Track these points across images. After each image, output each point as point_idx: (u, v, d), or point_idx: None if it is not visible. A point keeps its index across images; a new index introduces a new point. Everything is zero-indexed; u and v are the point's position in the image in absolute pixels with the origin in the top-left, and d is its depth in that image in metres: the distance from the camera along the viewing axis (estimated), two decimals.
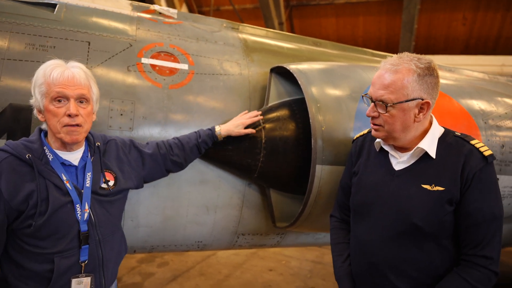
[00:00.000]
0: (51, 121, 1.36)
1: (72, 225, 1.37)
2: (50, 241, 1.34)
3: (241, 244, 2.41)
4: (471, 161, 1.36)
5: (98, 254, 1.44)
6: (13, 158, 1.32)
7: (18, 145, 1.35)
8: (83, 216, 1.39)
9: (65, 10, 2.02)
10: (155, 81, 2.00)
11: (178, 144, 1.82)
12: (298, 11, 13.07)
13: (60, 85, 1.34)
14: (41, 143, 1.40)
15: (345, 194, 1.72)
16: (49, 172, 1.36)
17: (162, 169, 1.78)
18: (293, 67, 2.06)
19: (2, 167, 1.29)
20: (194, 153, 1.86)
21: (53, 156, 1.39)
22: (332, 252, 1.73)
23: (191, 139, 1.85)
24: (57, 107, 1.35)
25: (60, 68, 1.37)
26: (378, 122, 1.46)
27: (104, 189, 1.49)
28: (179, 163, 1.82)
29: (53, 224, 1.33)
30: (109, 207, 1.50)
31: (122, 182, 1.57)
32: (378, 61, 3.08)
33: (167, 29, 2.25)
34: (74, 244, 1.38)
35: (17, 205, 1.29)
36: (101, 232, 1.45)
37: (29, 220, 1.30)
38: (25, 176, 1.31)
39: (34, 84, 1.37)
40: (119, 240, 1.58)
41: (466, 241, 1.36)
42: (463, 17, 11.54)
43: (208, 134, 1.87)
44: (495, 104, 2.36)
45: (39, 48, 1.82)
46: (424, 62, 1.39)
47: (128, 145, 1.68)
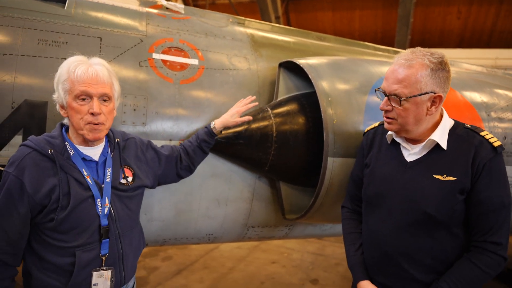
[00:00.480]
0: (74, 118, 1.38)
1: (93, 219, 1.40)
2: (72, 235, 1.37)
3: (250, 237, 2.45)
4: (482, 151, 1.41)
5: (118, 248, 1.47)
6: (36, 153, 1.34)
7: (40, 140, 1.37)
8: (103, 210, 1.41)
9: (75, 6, 2.03)
10: (167, 76, 2.03)
11: (183, 150, 1.86)
12: (295, 5, 13.08)
13: (84, 83, 1.36)
14: (63, 139, 1.42)
15: (357, 186, 1.77)
16: (71, 167, 1.38)
17: (174, 172, 1.82)
18: (303, 61, 2.09)
19: (25, 162, 1.32)
20: (198, 154, 1.88)
21: (74, 151, 1.41)
22: (345, 241, 1.78)
23: (192, 142, 1.88)
24: (81, 104, 1.37)
25: (84, 66, 1.38)
26: (392, 115, 1.50)
27: (123, 185, 1.51)
28: (187, 167, 1.85)
29: (75, 218, 1.36)
30: (128, 202, 1.53)
31: (140, 178, 1.60)
32: (380, 55, 3.13)
33: (176, 25, 2.27)
34: (95, 238, 1.41)
35: (40, 200, 1.31)
36: (120, 227, 1.48)
37: (51, 214, 1.33)
38: (48, 171, 1.34)
39: (58, 80, 1.39)
40: (137, 235, 1.61)
41: (476, 228, 1.42)
42: (458, 10, 11.64)
43: (205, 132, 1.89)
44: (496, 97, 2.42)
45: (52, 44, 1.83)
46: (437, 56, 1.43)
47: (146, 144, 1.71)
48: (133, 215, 1.57)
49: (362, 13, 12.59)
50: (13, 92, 1.69)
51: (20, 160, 1.32)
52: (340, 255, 5.03)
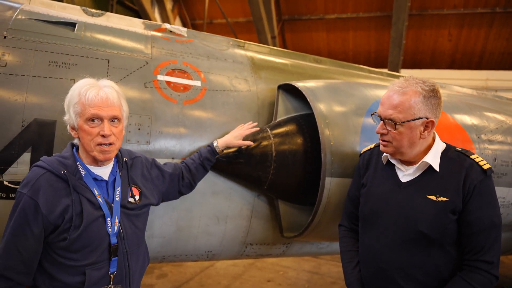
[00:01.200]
0: (85, 139, 1.42)
1: (103, 238, 1.43)
2: (82, 253, 1.40)
3: (248, 254, 2.49)
4: (472, 174, 1.49)
5: (125, 265, 1.49)
6: (49, 174, 1.38)
7: (53, 161, 1.41)
8: (113, 229, 1.45)
9: (84, 29, 2.12)
10: (170, 97, 2.10)
11: (185, 167, 1.92)
12: (290, 25, 13.39)
13: (95, 106, 1.41)
14: (75, 159, 1.46)
15: (354, 205, 1.83)
16: (83, 187, 1.42)
17: (176, 189, 1.87)
18: (301, 84, 2.19)
19: (40, 183, 1.35)
20: (200, 172, 1.96)
21: (85, 172, 1.45)
22: (342, 259, 1.83)
23: (194, 160, 1.95)
24: (91, 127, 1.41)
25: (95, 89, 1.44)
26: (387, 138, 1.59)
27: (131, 203, 1.55)
28: (189, 184, 1.92)
29: (86, 237, 1.39)
30: (135, 221, 1.56)
31: (146, 197, 1.64)
32: (374, 77, 3.25)
33: (179, 47, 2.37)
34: (105, 257, 1.44)
35: (54, 220, 1.34)
36: (128, 245, 1.51)
37: (64, 233, 1.36)
38: (61, 192, 1.37)
39: (69, 103, 1.45)
40: (143, 253, 1.64)
41: (468, 247, 1.49)
42: (449, 33, 12.01)
43: (208, 151, 1.98)
44: (486, 120, 2.53)
45: (62, 66, 1.91)
46: (429, 85, 1.54)
47: (150, 163, 1.77)
48: (140, 233, 1.61)
49: (355, 34, 12.93)
50: (24, 111, 1.75)
51: (34, 181, 1.35)
52: (336, 274, 5.04)
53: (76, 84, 1.48)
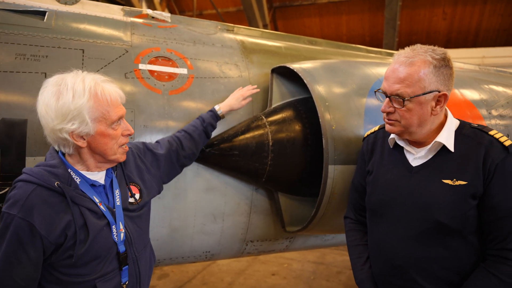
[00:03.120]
0: (108, 144, 1.27)
1: (111, 248, 1.30)
2: (90, 267, 1.26)
3: (249, 252, 2.34)
4: (492, 152, 1.32)
5: (136, 272, 1.39)
6: (41, 189, 1.18)
7: (42, 173, 1.20)
8: (119, 236, 1.32)
9: (55, 18, 1.93)
10: (155, 87, 1.92)
11: (186, 136, 1.77)
12: (282, 12, 13.12)
13: (118, 106, 1.29)
14: (65, 166, 1.26)
15: (359, 194, 1.67)
16: (81, 197, 1.24)
17: (176, 166, 1.72)
18: (297, 66, 2.01)
19: (32, 201, 1.15)
20: (203, 138, 1.83)
21: (80, 179, 1.27)
22: (350, 255, 1.68)
23: (196, 126, 1.81)
24: (115, 129, 1.29)
25: (107, 87, 1.27)
26: (394, 117, 1.41)
27: (133, 204, 1.41)
28: (191, 155, 1.78)
29: (93, 250, 1.25)
30: (139, 222, 1.43)
31: (146, 193, 1.50)
32: (372, 57, 3.07)
33: (162, 33, 2.18)
34: (114, 266, 1.32)
35: (55, 239, 1.18)
36: (136, 249, 1.39)
37: (68, 251, 1.20)
38: (58, 206, 1.19)
39: (78, 108, 1.20)
40: (149, 253, 1.52)
41: (492, 235, 1.32)
42: (443, 12, 11.78)
43: (211, 116, 1.85)
44: (496, 94, 2.36)
45: (31, 58, 1.72)
46: (440, 53, 1.35)
47: (142, 149, 1.60)
48: (145, 234, 1.49)
49: (349, 17, 12.67)
50: None
51: (25, 199, 1.15)
52: (341, 263, 4.92)
53: (71, 84, 1.21)
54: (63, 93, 1.19)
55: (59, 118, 1.18)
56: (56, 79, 1.24)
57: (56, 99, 1.19)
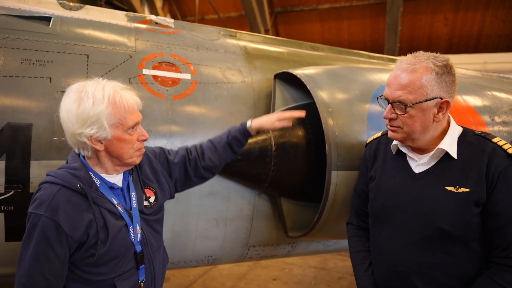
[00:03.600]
0: (124, 149, 1.33)
1: (129, 248, 1.36)
2: (110, 266, 1.32)
3: (251, 256, 2.33)
4: (496, 159, 1.32)
5: (151, 271, 1.44)
6: (65, 190, 1.25)
7: (65, 175, 1.27)
8: (136, 237, 1.38)
9: (61, 23, 1.94)
10: (158, 92, 1.94)
11: (211, 147, 1.70)
12: (283, 17, 13.19)
13: (134, 113, 1.34)
14: (86, 169, 1.33)
15: (362, 200, 1.67)
16: (101, 199, 1.31)
17: (191, 176, 1.66)
18: (299, 72, 2.02)
19: (58, 201, 1.22)
20: (227, 153, 1.71)
21: (100, 181, 1.34)
22: (353, 261, 1.67)
23: (222, 138, 1.71)
24: (132, 134, 1.33)
25: (125, 94, 1.32)
26: (396, 123, 1.42)
27: (148, 207, 1.47)
28: (212, 167, 1.69)
29: (113, 250, 1.31)
30: (154, 225, 1.48)
31: (161, 196, 1.54)
32: (374, 63, 3.08)
33: (166, 39, 2.19)
34: (132, 265, 1.37)
35: (79, 238, 1.24)
36: (151, 250, 1.44)
37: (91, 250, 1.27)
38: (81, 206, 1.26)
39: (98, 114, 1.25)
40: (162, 254, 1.56)
41: (495, 243, 1.32)
42: (445, 17, 11.82)
43: (239, 130, 1.70)
44: (499, 101, 2.36)
45: (36, 63, 1.74)
46: (442, 60, 1.36)
47: (158, 153, 1.62)
48: (159, 236, 1.53)
49: (350, 23, 12.72)
50: None
51: (50, 200, 1.22)
52: (343, 269, 4.90)
53: (91, 91, 1.26)
54: (84, 100, 1.25)
55: (79, 123, 1.25)
56: (78, 86, 1.30)
57: (77, 105, 1.25)
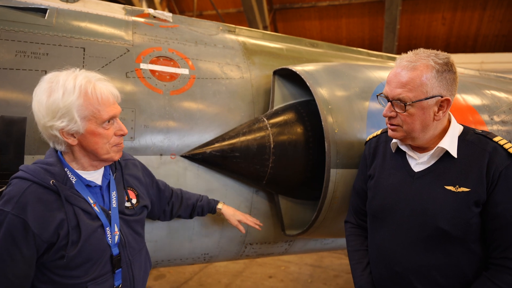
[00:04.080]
0: (99, 143, 1.25)
1: (104, 250, 1.27)
2: (83, 269, 1.24)
3: (248, 254, 2.32)
4: (496, 159, 1.30)
5: (129, 276, 1.36)
6: (36, 186, 1.17)
7: (38, 170, 1.20)
8: (113, 239, 1.29)
9: (57, 15, 1.91)
10: (156, 87, 1.91)
11: (178, 194, 1.78)
12: (282, 14, 13.12)
13: (110, 106, 1.25)
14: (62, 165, 1.26)
15: (361, 199, 1.66)
16: (76, 197, 1.23)
17: (159, 209, 1.72)
18: (299, 68, 1.99)
19: (26, 198, 1.15)
20: (187, 212, 1.81)
21: (76, 179, 1.26)
22: (350, 260, 1.66)
23: (191, 198, 1.81)
24: (107, 128, 1.26)
25: (100, 85, 1.24)
26: (396, 122, 1.40)
27: (129, 208, 1.40)
28: (168, 213, 1.76)
29: (86, 252, 1.23)
30: (135, 226, 1.41)
31: (143, 199, 1.49)
32: (374, 60, 3.06)
33: (164, 33, 2.16)
34: (107, 269, 1.29)
35: (47, 238, 1.16)
36: (130, 253, 1.37)
37: (61, 251, 1.19)
38: (52, 205, 1.18)
39: (68, 106, 1.18)
40: (144, 257, 1.50)
41: (495, 243, 1.30)
42: (442, 17, 11.81)
43: (208, 204, 1.84)
44: (498, 100, 2.36)
45: (31, 56, 1.70)
46: (442, 57, 1.34)
47: (147, 170, 1.63)
48: (140, 238, 1.47)
49: (348, 21, 12.69)
50: None
51: (19, 196, 1.14)
52: (339, 267, 4.91)
53: (62, 81, 1.20)
54: (54, 90, 1.19)
55: (50, 115, 1.18)
56: (50, 76, 1.24)
57: (48, 96, 1.18)
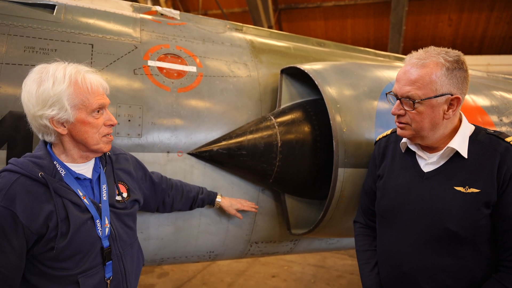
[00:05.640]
0: (89, 133, 1.27)
1: (94, 242, 1.28)
2: (73, 261, 1.25)
3: (253, 253, 2.31)
4: (508, 159, 1.28)
5: (120, 268, 1.37)
6: (25, 179, 1.18)
7: (26, 163, 1.20)
8: (104, 231, 1.30)
9: (65, 11, 1.91)
10: (163, 84, 1.90)
11: (179, 187, 1.80)
12: (287, 14, 13.10)
13: (99, 95, 1.27)
14: (51, 158, 1.27)
15: (370, 199, 1.65)
16: (65, 189, 1.24)
17: (156, 202, 1.73)
18: (307, 67, 1.98)
19: (15, 190, 1.15)
20: (187, 204, 1.83)
21: (65, 171, 1.27)
22: (359, 260, 1.65)
23: (192, 190, 1.84)
24: (97, 118, 1.28)
25: (89, 75, 1.27)
26: (405, 120, 1.38)
27: (120, 202, 1.41)
28: (169, 205, 1.78)
29: (76, 244, 1.24)
30: (126, 220, 1.42)
31: (134, 193, 1.50)
32: (381, 60, 3.05)
33: (172, 31, 2.16)
34: (98, 262, 1.30)
35: (37, 230, 1.17)
36: (121, 246, 1.37)
37: (50, 243, 1.19)
38: (41, 197, 1.19)
39: (58, 94, 1.20)
40: (136, 251, 1.50)
41: (505, 245, 1.28)
42: (449, 18, 11.75)
43: (209, 195, 1.89)
44: (507, 102, 2.34)
45: (40, 51, 1.70)
46: (453, 55, 1.32)
47: (139, 163, 1.63)
48: (131, 232, 1.47)
49: (354, 21, 12.65)
50: None
51: (7, 189, 1.15)
52: (342, 267, 4.89)
53: (52, 71, 1.23)
54: (44, 80, 1.21)
55: (40, 105, 1.20)
56: (39, 67, 1.26)
57: (37, 86, 1.21)
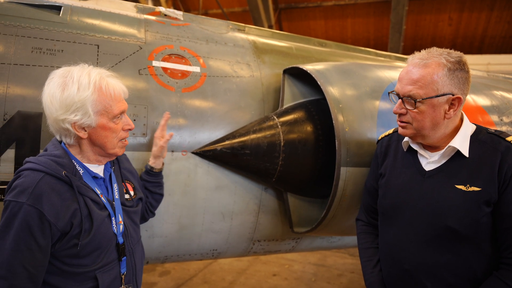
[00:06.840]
0: (108, 138, 1.31)
1: (111, 239, 1.34)
2: (92, 257, 1.29)
3: (256, 251, 2.34)
4: (509, 158, 1.31)
5: (132, 264, 1.43)
6: (49, 177, 1.21)
7: (49, 162, 1.24)
8: (118, 228, 1.36)
9: (71, 13, 1.93)
10: (168, 84, 1.93)
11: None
12: (287, 14, 13.11)
13: (121, 101, 1.33)
14: (69, 158, 1.31)
15: (372, 197, 1.67)
16: (85, 188, 1.29)
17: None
18: (310, 67, 2.01)
19: (41, 188, 1.18)
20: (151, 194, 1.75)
21: (83, 170, 1.32)
22: (361, 257, 1.68)
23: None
24: (117, 123, 1.33)
25: (112, 81, 1.32)
26: (406, 119, 1.41)
27: (128, 200, 1.47)
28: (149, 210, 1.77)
29: (97, 240, 1.29)
30: (134, 217, 1.48)
31: (139, 191, 1.56)
32: (382, 60, 3.07)
33: (175, 31, 2.18)
34: (113, 257, 1.35)
35: (62, 227, 1.20)
36: (131, 242, 1.44)
37: (74, 240, 1.23)
38: (65, 195, 1.23)
39: (83, 100, 1.23)
40: (141, 247, 1.57)
41: (506, 243, 1.31)
42: (449, 17, 11.75)
43: (143, 172, 1.76)
44: (508, 101, 2.36)
45: (47, 52, 1.73)
46: (455, 56, 1.35)
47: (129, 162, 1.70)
48: (138, 228, 1.53)
49: (354, 21, 12.66)
50: (5, 103, 1.57)
51: (33, 187, 1.17)
52: (342, 266, 4.92)
53: (77, 76, 1.25)
54: (69, 85, 1.23)
55: (63, 109, 1.22)
56: (63, 71, 1.28)
57: (62, 90, 1.23)
